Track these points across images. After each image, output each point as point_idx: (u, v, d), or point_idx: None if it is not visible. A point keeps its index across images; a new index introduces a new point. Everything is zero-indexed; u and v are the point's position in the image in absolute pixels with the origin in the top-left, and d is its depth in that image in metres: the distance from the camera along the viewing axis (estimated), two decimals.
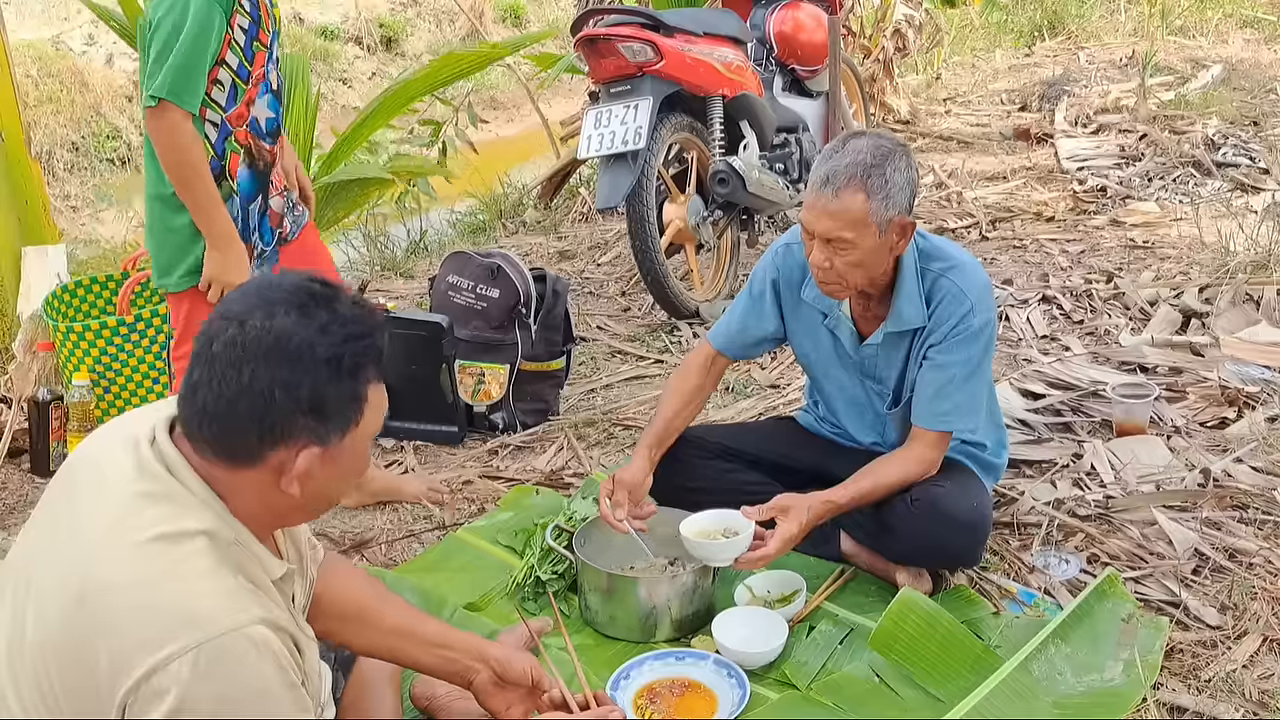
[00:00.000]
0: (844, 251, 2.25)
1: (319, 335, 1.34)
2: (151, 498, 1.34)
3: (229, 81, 2.42)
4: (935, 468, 2.41)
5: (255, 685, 1.28)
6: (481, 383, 3.43)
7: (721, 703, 2.14)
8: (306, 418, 1.35)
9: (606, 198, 3.88)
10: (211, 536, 1.33)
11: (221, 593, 1.30)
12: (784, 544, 2.28)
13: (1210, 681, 2.14)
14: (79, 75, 8.08)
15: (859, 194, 2.21)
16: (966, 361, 2.36)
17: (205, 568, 1.31)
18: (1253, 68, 7.97)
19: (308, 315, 1.35)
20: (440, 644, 1.79)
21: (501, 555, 2.72)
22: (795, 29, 4.92)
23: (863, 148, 2.24)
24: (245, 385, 1.32)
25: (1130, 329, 3.85)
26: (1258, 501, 2.70)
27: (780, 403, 3.47)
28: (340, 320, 1.37)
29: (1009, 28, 9.98)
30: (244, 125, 2.47)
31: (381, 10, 10.48)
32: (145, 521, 1.31)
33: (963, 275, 2.36)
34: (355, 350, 1.37)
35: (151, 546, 1.30)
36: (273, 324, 1.33)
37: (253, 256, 2.54)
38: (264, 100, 2.51)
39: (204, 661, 1.24)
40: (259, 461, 1.36)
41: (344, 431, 1.39)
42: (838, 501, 2.35)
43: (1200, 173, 5.66)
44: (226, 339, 1.34)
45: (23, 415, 3.36)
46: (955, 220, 5.32)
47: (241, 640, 1.27)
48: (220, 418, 1.34)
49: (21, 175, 3.89)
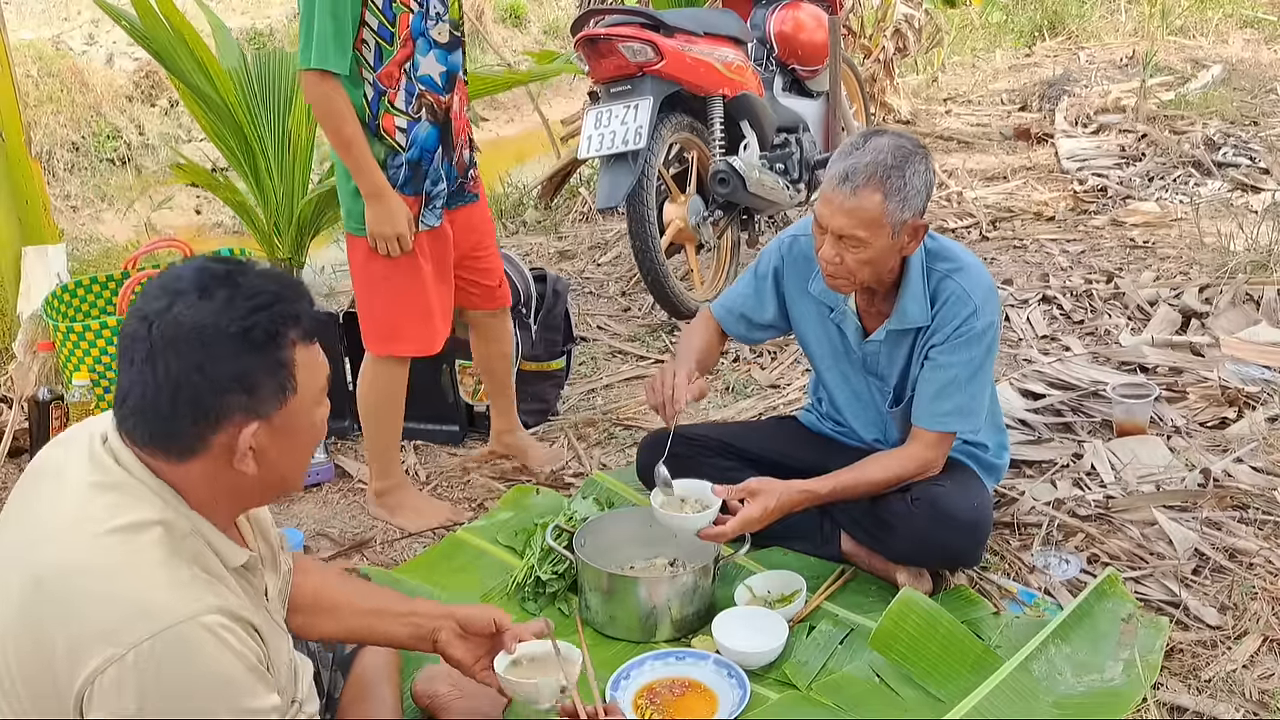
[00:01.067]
0: (856, 249, 2.26)
1: (223, 313, 1.34)
2: (102, 488, 1.35)
3: (373, 43, 2.55)
4: (935, 468, 2.41)
5: (214, 671, 1.28)
6: (482, 383, 3.43)
7: (722, 703, 2.14)
8: (236, 395, 1.35)
9: (607, 197, 3.88)
10: (167, 526, 1.33)
11: (176, 583, 1.30)
12: (743, 524, 2.29)
13: (1210, 681, 2.14)
14: (79, 75, 8.07)
15: (877, 194, 2.21)
16: (969, 363, 2.36)
17: (160, 558, 1.31)
18: (1253, 68, 7.97)
19: (209, 297, 1.35)
20: (407, 612, 1.80)
21: (501, 555, 2.72)
22: (795, 29, 4.92)
23: (884, 147, 2.23)
24: (166, 379, 1.33)
25: (1130, 329, 3.85)
26: (1258, 501, 2.70)
27: (780, 403, 3.47)
28: (244, 293, 1.36)
29: (1009, 27, 9.97)
30: (395, 85, 2.58)
31: None
32: (100, 512, 1.32)
33: (968, 277, 2.37)
34: (265, 320, 1.36)
35: (109, 538, 1.30)
36: (176, 314, 1.33)
37: (425, 205, 2.69)
38: (430, 56, 2.62)
39: (160, 651, 1.25)
40: (204, 449, 1.37)
41: (280, 401, 1.38)
42: (817, 491, 2.35)
43: (1200, 173, 5.66)
44: (139, 339, 1.34)
45: (23, 415, 3.36)
46: (955, 220, 5.32)
47: (197, 629, 1.27)
48: (152, 416, 1.35)
49: (22, 175, 3.89)
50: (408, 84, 2.61)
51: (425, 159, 2.67)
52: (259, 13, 9.78)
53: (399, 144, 2.62)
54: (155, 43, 4.29)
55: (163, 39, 4.26)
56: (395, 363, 2.83)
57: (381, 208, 2.60)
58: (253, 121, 4.44)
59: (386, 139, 2.61)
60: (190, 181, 5.05)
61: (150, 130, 8.19)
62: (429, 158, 2.68)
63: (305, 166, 4.59)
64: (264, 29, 9.36)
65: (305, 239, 4.67)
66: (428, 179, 2.69)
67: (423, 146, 2.66)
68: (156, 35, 4.25)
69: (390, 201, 2.61)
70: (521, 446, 3.22)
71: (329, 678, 1.95)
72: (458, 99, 2.73)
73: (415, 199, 2.68)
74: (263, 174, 4.52)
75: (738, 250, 4.54)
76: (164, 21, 4.21)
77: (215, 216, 7.49)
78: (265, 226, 4.62)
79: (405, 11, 2.56)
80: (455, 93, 2.71)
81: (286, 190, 4.52)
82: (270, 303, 1.37)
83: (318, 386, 1.45)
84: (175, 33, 4.24)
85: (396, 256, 2.66)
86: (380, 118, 2.60)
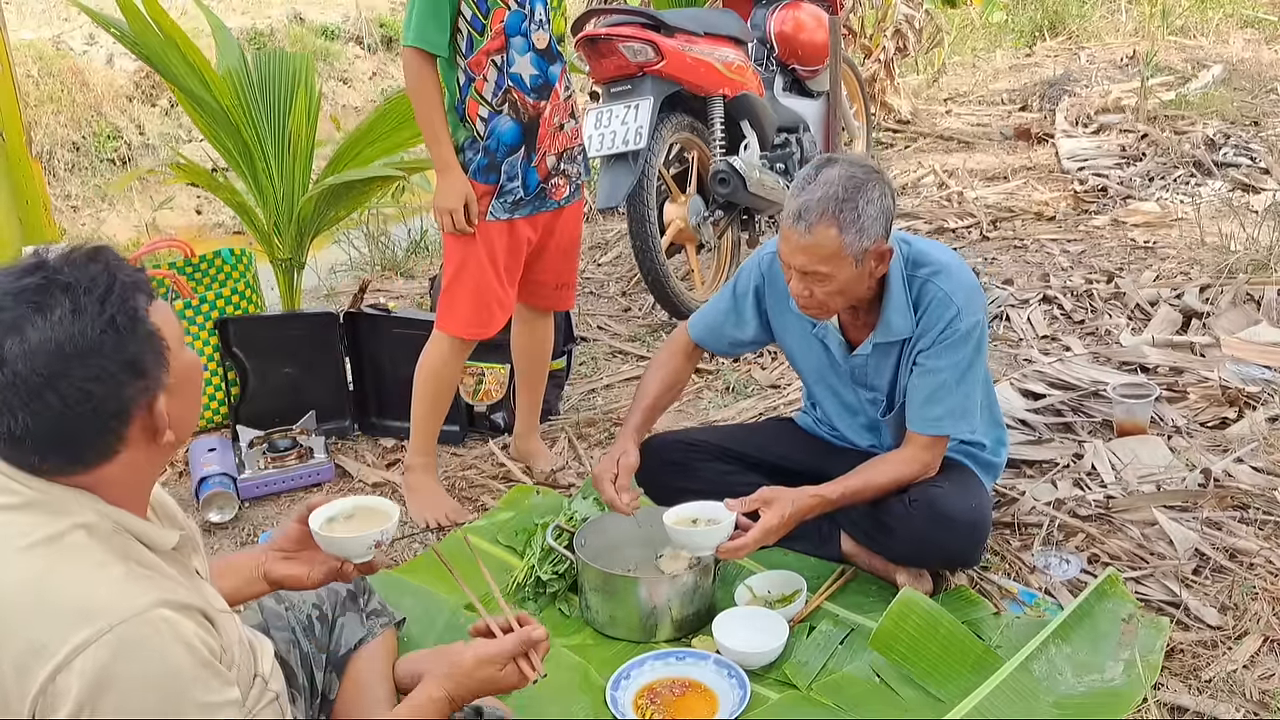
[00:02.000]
0: (822, 283, 2.26)
1: (77, 319, 1.26)
2: (13, 510, 1.29)
3: (466, 31, 2.68)
4: (932, 470, 2.41)
5: (164, 668, 1.24)
6: (482, 382, 3.43)
7: (722, 703, 2.14)
8: (132, 384, 1.30)
9: (607, 198, 3.88)
10: (89, 529, 1.29)
11: (112, 581, 1.26)
12: (764, 534, 2.26)
13: (1211, 682, 2.14)
14: (80, 75, 8.07)
15: (832, 229, 2.19)
16: (956, 365, 2.35)
17: (92, 561, 1.27)
18: (1253, 68, 7.97)
19: (49, 310, 1.26)
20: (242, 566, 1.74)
21: (502, 555, 2.72)
22: (796, 29, 4.92)
23: (834, 179, 2.21)
24: (63, 406, 1.26)
25: (1131, 329, 3.85)
26: (1258, 501, 2.70)
27: (780, 403, 3.47)
28: (81, 290, 1.28)
29: (1010, 27, 9.97)
30: (482, 74, 2.70)
31: (382, 10, 10.47)
32: (14, 532, 1.27)
33: (948, 279, 2.35)
34: (116, 303, 1.29)
35: (32, 551, 1.25)
36: (32, 341, 1.25)
37: (496, 197, 2.79)
38: (525, 58, 2.73)
39: (106, 653, 1.21)
40: (121, 447, 1.32)
41: (164, 364, 1.33)
42: (828, 497, 2.34)
43: (1201, 173, 5.66)
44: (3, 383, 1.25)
45: None
46: (956, 220, 5.32)
47: (142, 626, 1.23)
48: (56, 444, 1.28)
49: (22, 175, 3.89)
50: (498, 77, 2.72)
51: (502, 151, 2.77)
52: (259, 12, 9.78)
53: (478, 131, 2.75)
54: (145, 47, 4.27)
55: (153, 43, 4.25)
56: (449, 341, 2.91)
57: (444, 182, 2.75)
58: (251, 122, 4.43)
59: (470, 124, 2.74)
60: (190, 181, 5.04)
61: (151, 130, 8.19)
62: (506, 151, 2.77)
63: (306, 166, 4.57)
64: (264, 29, 9.36)
65: (306, 239, 4.67)
66: (504, 174, 2.78)
67: (501, 139, 2.76)
68: (146, 40, 4.24)
69: (452, 178, 2.74)
70: (531, 451, 3.23)
71: (324, 679, 1.94)
72: (550, 108, 2.81)
73: (488, 188, 2.78)
74: (261, 174, 4.51)
75: (738, 250, 4.54)
76: (153, 26, 4.20)
77: (216, 216, 7.49)
78: (265, 227, 4.62)
79: (501, 7, 2.67)
80: (549, 102, 2.80)
81: (286, 190, 4.52)
82: (109, 285, 1.30)
83: (179, 332, 1.39)
84: (166, 37, 4.23)
85: (455, 233, 2.79)
86: (466, 103, 2.73)
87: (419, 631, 2.35)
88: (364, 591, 2.11)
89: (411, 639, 2.32)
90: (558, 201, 2.91)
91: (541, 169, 2.83)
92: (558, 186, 2.89)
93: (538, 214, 2.88)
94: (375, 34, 10.22)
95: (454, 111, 2.74)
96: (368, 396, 3.50)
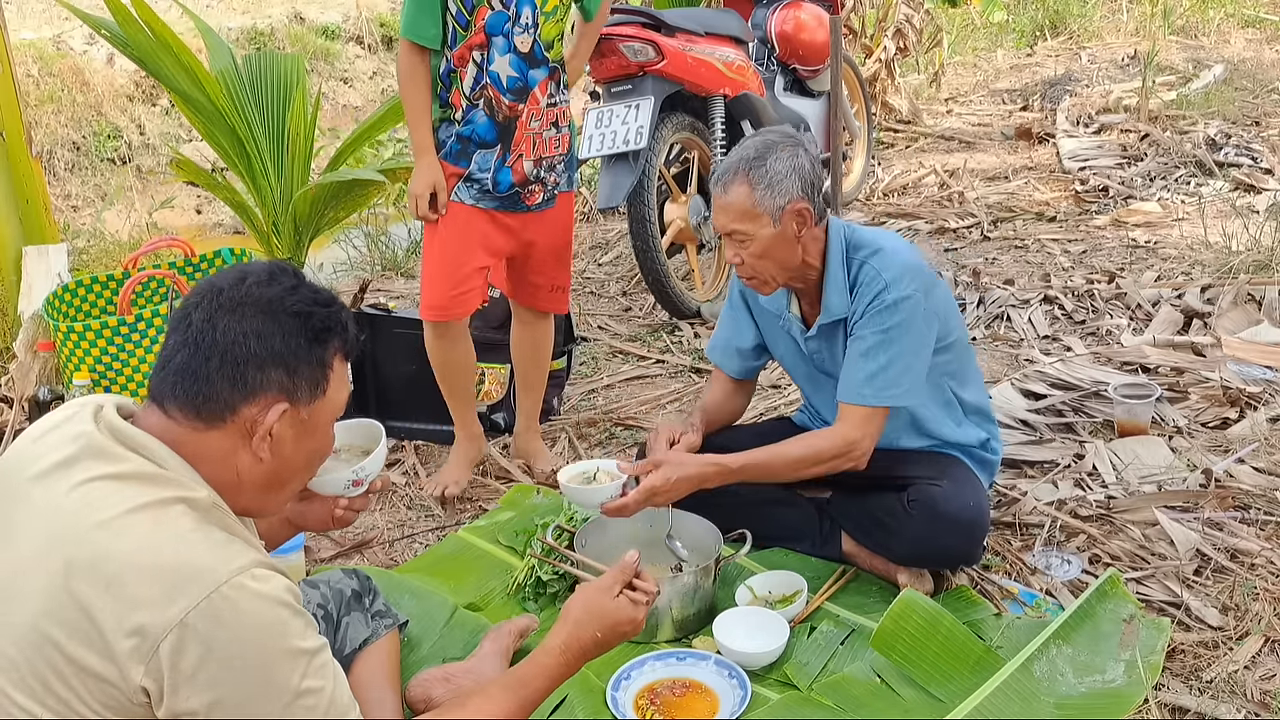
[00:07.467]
0: (745, 244, 2.34)
1: (289, 294, 1.44)
2: (119, 479, 1.34)
3: (450, 25, 2.79)
4: (859, 449, 2.37)
5: (267, 621, 1.31)
6: (482, 383, 3.43)
7: (723, 703, 2.14)
8: (277, 370, 1.41)
9: (608, 197, 3.88)
10: (189, 503, 1.35)
11: (213, 544, 1.33)
12: (647, 495, 2.31)
13: (1212, 682, 2.14)
14: (80, 75, 8.07)
15: (743, 186, 2.31)
16: (881, 332, 2.35)
17: (190, 525, 1.33)
18: (1255, 67, 7.97)
19: (277, 281, 1.45)
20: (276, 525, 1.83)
21: (502, 555, 2.71)
22: (797, 29, 4.92)
23: (749, 144, 2.36)
24: (219, 338, 1.39)
25: (1132, 329, 3.85)
26: (1259, 502, 2.70)
27: (781, 403, 3.47)
28: (309, 287, 1.47)
29: (1011, 27, 9.97)
30: (465, 67, 2.80)
31: (382, 9, 10.46)
32: (118, 498, 1.32)
33: (882, 258, 2.39)
34: (323, 314, 1.46)
35: (134, 515, 1.31)
36: (244, 288, 1.42)
37: (459, 179, 2.87)
38: (505, 58, 2.81)
39: (214, 611, 1.27)
40: (230, 416, 1.40)
41: (312, 395, 1.45)
42: (729, 466, 2.36)
43: (1202, 172, 5.65)
44: (201, 305, 1.42)
45: (23, 415, 3.36)
46: (956, 220, 5.32)
47: (246, 582, 1.30)
48: (193, 374, 1.39)
49: (22, 175, 3.88)
50: (476, 73, 2.81)
51: (476, 143, 2.85)
52: (259, 12, 9.78)
53: (457, 118, 2.85)
54: (137, 49, 4.28)
55: (145, 45, 4.25)
56: (432, 327, 2.97)
57: (420, 164, 2.85)
58: (246, 122, 4.43)
59: (451, 109, 2.85)
60: (189, 179, 5.04)
61: (151, 130, 8.19)
62: (479, 144, 2.85)
63: (304, 165, 4.58)
64: (264, 29, 9.36)
65: (304, 238, 4.67)
66: (475, 163, 2.86)
67: (476, 131, 2.85)
68: (138, 42, 4.24)
69: (422, 162, 2.84)
70: (531, 451, 3.24)
71: None
72: (527, 112, 2.85)
73: (459, 170, 2.87)
74: (258, 174, 4.51)
75: None
76: (144, 28, 4.20)
77: (216, 216, 7.49)
78: (264, 226, 4.62)
79: (484, 6, 2.76)
80: (526, 105, 2.85)
81: (285, 190, 4.52)
82: (329, 302, 1.48)
83: (340, 401, 1.51)
84: (157, 38, 4.23)
85: (421, 215, 2.87)
86: (450, 92, 2.84)
87: (419, 631, 2.35)
88: (369, 592, 2.13)
89: (412, 639, 2.32)
90: (529, 206, 2.94)
91: (517, 171, 2.88)
92: (532, 193, 2.93)
93: (509, 212, 2.91)
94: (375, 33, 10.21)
95: (438, 97, 2.85)
96: (368, 396, 3.49)
